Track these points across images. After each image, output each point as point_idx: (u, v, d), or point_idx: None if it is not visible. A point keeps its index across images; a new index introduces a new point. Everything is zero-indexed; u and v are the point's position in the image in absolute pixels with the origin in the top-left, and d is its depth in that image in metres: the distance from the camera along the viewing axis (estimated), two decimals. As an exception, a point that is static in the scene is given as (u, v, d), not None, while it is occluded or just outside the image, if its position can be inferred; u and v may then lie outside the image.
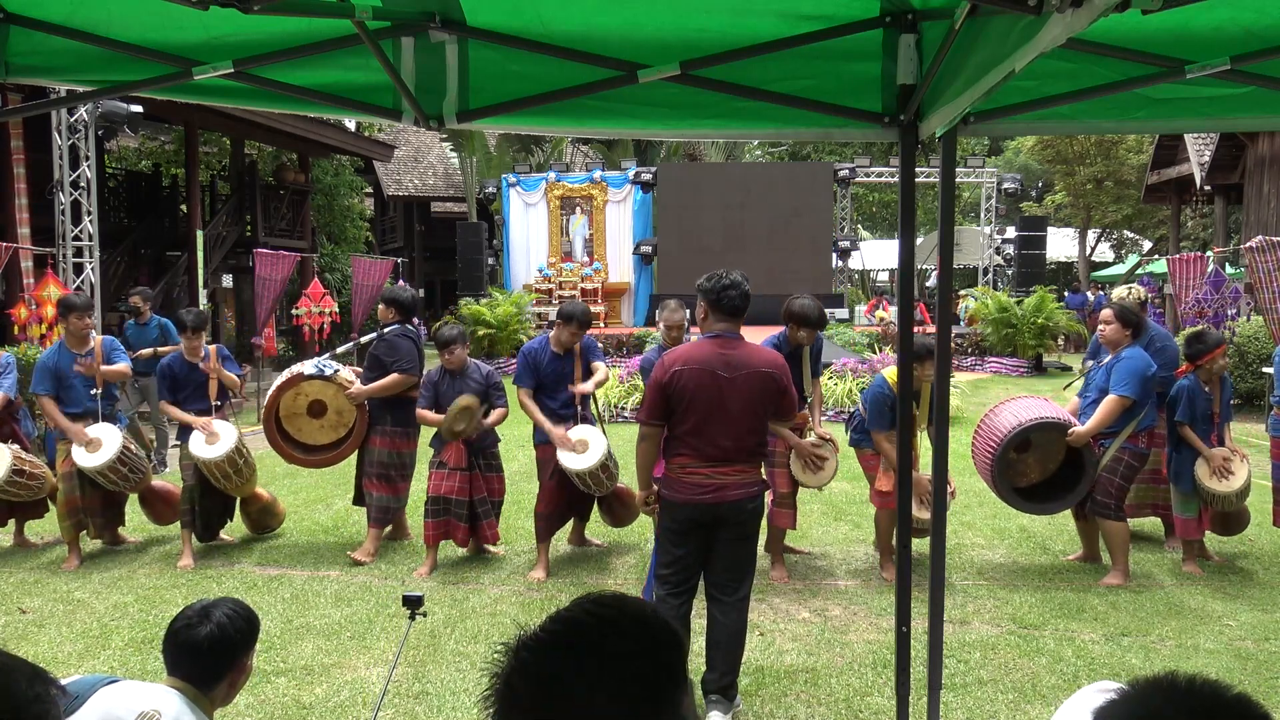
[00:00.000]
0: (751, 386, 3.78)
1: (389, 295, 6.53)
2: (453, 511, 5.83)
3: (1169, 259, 13.99)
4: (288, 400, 6.31)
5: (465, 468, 5.84)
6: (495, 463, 6.07)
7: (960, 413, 11.52)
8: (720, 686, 3.88)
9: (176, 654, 2.26)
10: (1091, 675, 4.29)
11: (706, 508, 3.80)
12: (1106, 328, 5.61)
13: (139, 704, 2.09)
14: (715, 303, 3.88)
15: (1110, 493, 5.54)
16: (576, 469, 5.66)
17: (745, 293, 3.89)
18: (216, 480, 6.11)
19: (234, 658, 2.30)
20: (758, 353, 3.90)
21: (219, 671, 2.27)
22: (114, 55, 2.86)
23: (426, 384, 5.95)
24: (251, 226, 18.12)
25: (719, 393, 3.75)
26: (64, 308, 6.36)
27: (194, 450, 6.04)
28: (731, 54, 2.79)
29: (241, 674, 2.34)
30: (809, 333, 5.50)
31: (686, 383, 3.77)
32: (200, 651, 2.24)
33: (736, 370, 3.77)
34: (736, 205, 20.50)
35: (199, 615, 2.29)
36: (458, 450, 5.82)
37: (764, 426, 3.91)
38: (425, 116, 3.04)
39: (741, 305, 3.89)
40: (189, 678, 2.24)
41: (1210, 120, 3.26)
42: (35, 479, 6.23)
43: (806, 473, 5.63)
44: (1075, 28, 1.77)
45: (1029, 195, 27.45)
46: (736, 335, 3.89)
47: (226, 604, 2.34)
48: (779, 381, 3.86)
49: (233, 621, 2.30)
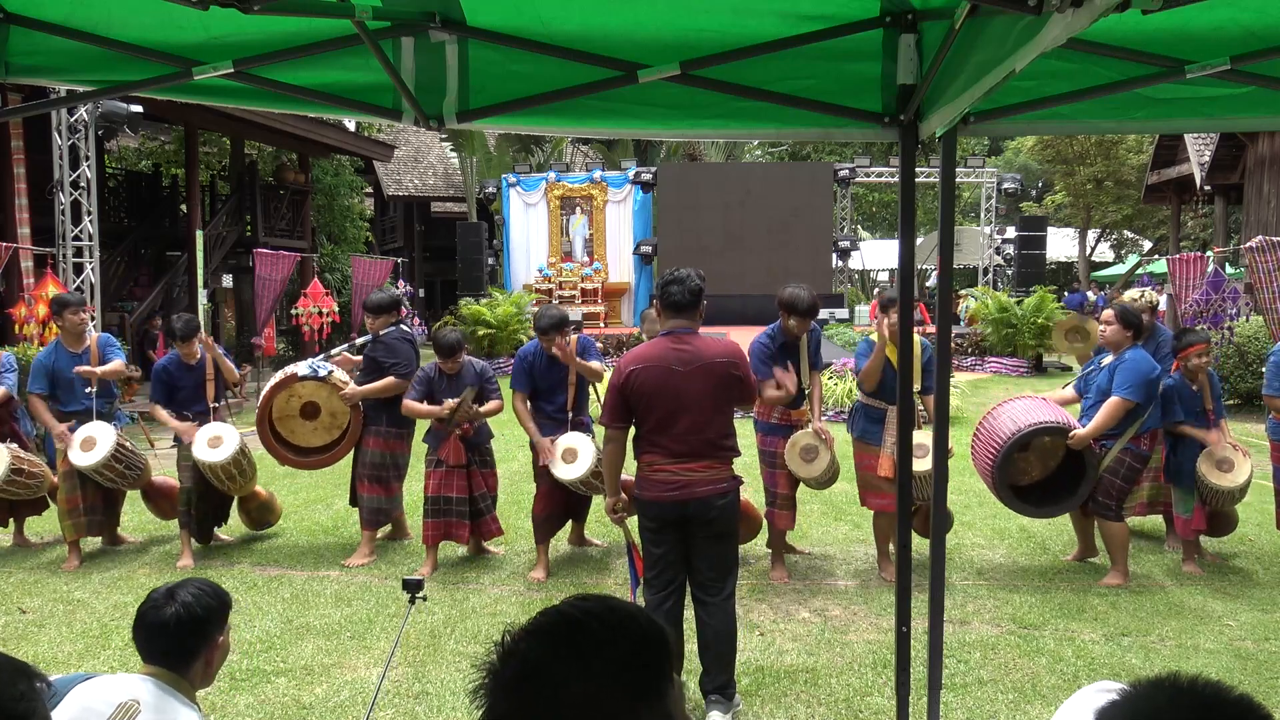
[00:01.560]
0: (706, 379, 3.81)
1: (370, 305, 6.33)
2: (454, 510, 5.82)
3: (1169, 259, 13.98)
4: (280, 402, 6.27)
5: (464, 465, 5.84)
6: (490, 459, 6.07)
7: (960, 413, 11.52)
8: (717, 686, 3.88)
9: (147, 637, 2.24)
10: (1091, 675, 4.29)
11: (674, 505, 3.82)
12: (1108, 329, 5.61)
13: (115, 696, 2.08)
14: (662, 300, 3.94)
15: (1111, 494, 5.53)
16: (567, 479, 5.65)
17: (691, 288, 3.89)
18: (220, 482, 6.10)
19: (205, 636, 2.27)
20: (711, 345, 3.92)
21: (193, 650, 2.25)
22: (114, 55, 2.86)
23: (421, 380, 5.92)
24: (251, 226, 18.12)
25: (675, 389, 3.78)
26: (58, 305, 6.35)
27: (197, 454, 6.01)
28: (731, 54, 2.79)
29: (216, 651, 2.31)
30: (800, 321, 5.47)
31: (642, 382, 3.81)
32: (169, 632, 2.21)
33: (690, 364, 3.80)
34: (736, 205, 20.50)
35: (165, 596, 2.27)
36: (455, 448, 5.81)
37: (727, 419, 3.92)
38: (425, 116, 3.04)
39: (685, 300, 3.89)
40: (163, 661, 2.21)
41: (1210, 120, 3.26)
42: (34, 478, 6.23)
43: (801, 464, 5.61)
44: (1075, 28, 1.76)
45: (1029, 195, 27.51)
46: (690, 330, 3.91)
47: (193, 583, 2.32)
48: (734, 369, 3.88)
49: (198, 599, 2.27)
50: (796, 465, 5.60)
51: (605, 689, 1.07)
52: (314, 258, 18.49)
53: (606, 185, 22.01)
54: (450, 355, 5.81)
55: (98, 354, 6.24)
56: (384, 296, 6.44)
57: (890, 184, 25.81)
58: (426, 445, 6.01)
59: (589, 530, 6.45)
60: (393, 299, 6.48)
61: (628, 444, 4.03)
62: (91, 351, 6.22)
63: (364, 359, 6.37)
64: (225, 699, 4.12)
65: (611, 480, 4.07)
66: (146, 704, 2.08)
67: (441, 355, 5.84)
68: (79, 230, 11.85)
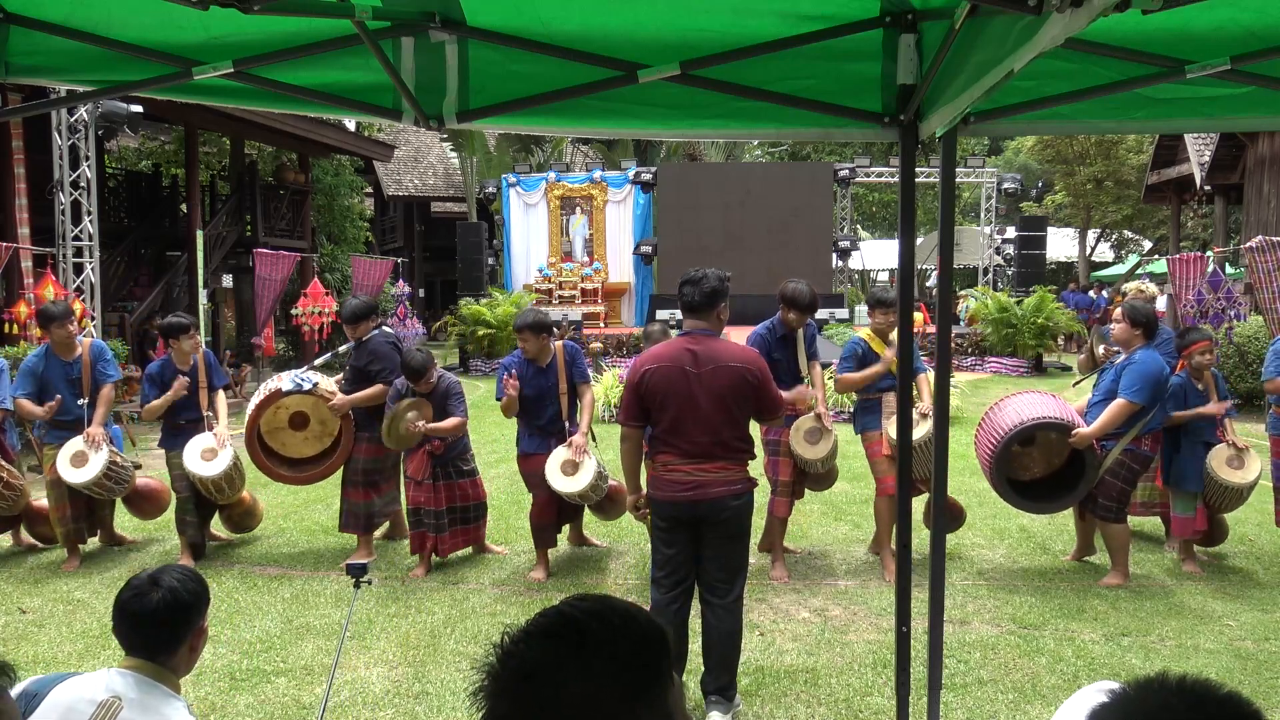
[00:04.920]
0: (721, 380, 3.79)
1: (347, 314, 6.19)
2: (428, 523, 5.81)
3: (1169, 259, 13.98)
4: (268, 417, 6.13)
5: (430, 479, 5.79)
6: (468, 468, 5.99)
7: (960, 413, 11.52)
8: (718, 687, 3.89)
9: (131, 626, 2.18)
10: (1091, 675, 4.29)
11: (687, 505, 3.81)
12: (1116, 326, 5.61)
13: (96, 694, 2.04)
14: (680, 301, 3.95)
15: (1112, 495, 5.52)
16: (566, 491, 5.61)
17: (705, 290, 3.88)
18: (209, 493, 6.05)
19: (190, 622, 2.23)
20: (729, 348, 3.91)
21: (179, 637, 2.20)
22: (114, 55, 2.86)
23: (394, 397, 5.83)
24: (251, 226, 18.11)
25: (689, 389, 3.78)
26: (43, 319, 6.21)
27: (190, 467, 5.92)
28: (731, 54, 2.79)
29: (201, 637, 2.27)
30: (799, 315, 5.52)
31: (657, 381, 3.81)
32: (156, 620, 2.16)
33: (705, 365, 3.80)
34: (736, 205, 20.48)
35: (148, 583, 2.21)
36: (418, 461, 5.79)
37: (741, 421, 3.90)
38: (425, 116, 3.04)
39: (698, 301, 3.89)
40: (147, 651, 2.16)
41: (1210, 120, 3.26)
42: (13, 490, 6.09)
43: (805, 446, 5.63)
44: (1075, 27, 1.77)
45: (1029, 195, 27.45)
46: (708, 332, 3.90)
47: (174, 569, 2.28)
48: (752, 376, 3.85)
49: (183, 584, 2.23)
50: (801, 448, 5.63)
51: (605, 689, 1.07)
52: (314, 258, 18.48)
53: (606, 185, 22.00)
54: (419, 379, 5.70)
55: (89, 364, 6.11)
56: (359, 304, 6.27)
57: (890, 184, 25.81)
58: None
59: (588, 530, 6.45)
60: (369, 304, 6.32)
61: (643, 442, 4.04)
62: (83, 361, 6.10)
63: (349, 369, 6.24)
64: (225, 699, 4.12)
65: (630, 478, 4.09)
66: (129, 700, 2.04)
67: (411, 379, 5.72)
68: (79, 230, 11.84)
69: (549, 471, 5.58)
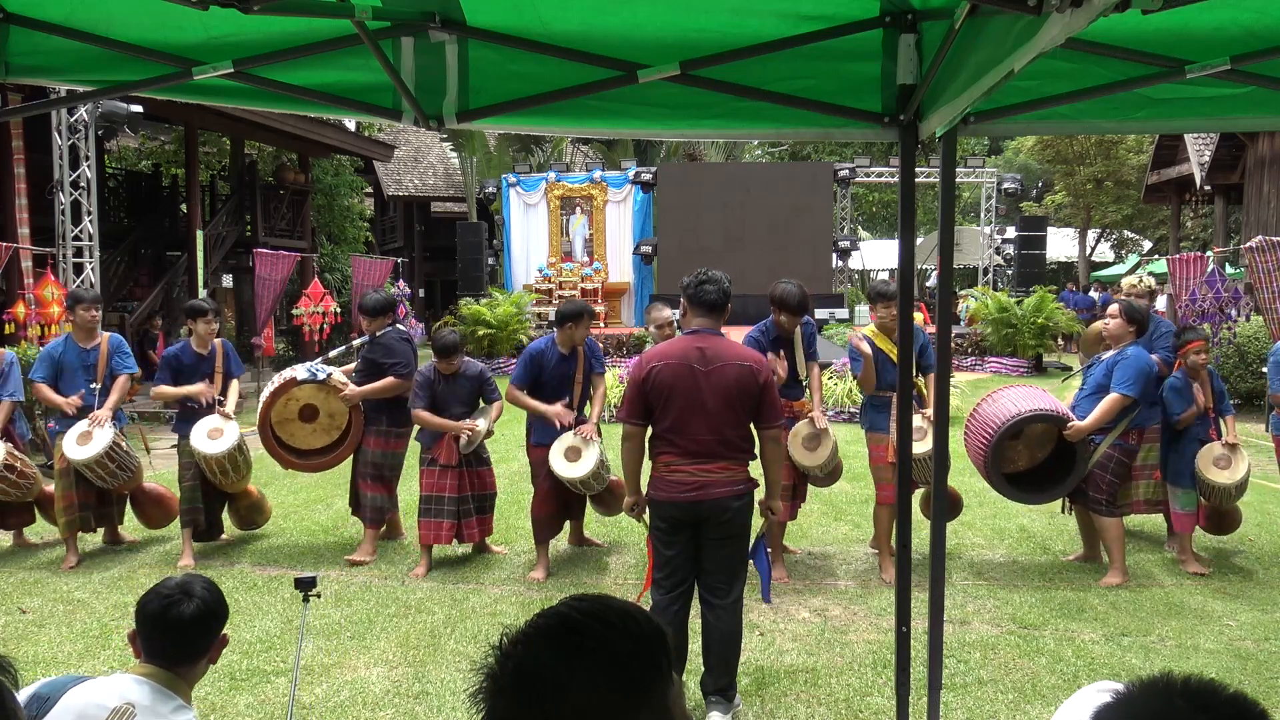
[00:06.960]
0: (727, 379, 3.80)
1: (365, 307, 6.33)
2: (445, 510, 5.82)
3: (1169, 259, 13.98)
4: (279, 407, 6.27)
5: (456, 464, 5.84)
6: (484, 456, 6.08)
7: (960, 413, 11.50)
8: (718, 687, 3.89)
9: (162, 633, 2.15)
10: (1091, 675, 4.29)
11: (689, 506, 3.81)
12: (1111, 322, 5.63)
13: (109, 700, 2.03)
14: (692, 298, 3.94)
15: (1102, 489, 5.57)
16: (568, 477, 5.65)
17: (724, 290, 3.92)
18: (213, 474, 6.09)
19: (215, 632, 2.23)
20: (735, 348, 3.92)
21: (204, 647, 2.20)
22: (114, 55, 2.86)
23: (423, 384, 5.91)
24: (251, 226, 18.11)
25: (695, 387, 3.78)
26: (72, 299, 6.39)
27: (195, 444, 6.00)
28: (731, 54, 2.79)
29: (219, 648, 2.28)
30: (790, 317, 5.50)
31: (663, 378, 3.81)
32: (188, 629, 2.15)
33: (712, 363, 3.80)
34: (736, 205, 20.47)
35: (179, 592, 2.19)
36: (449, 447, 5.83)
37: (744, 420, 3.90)
38: (425, 116, 3.04)
39: (718, 301, 3.91)
40: (168, 659, 2.15)
41: (1210, 120, 3.26)
42: (25, 477, 6.19)
43: (804, 453, 5.62)
44: (1074, 28, 1.77)
45: (1029, 195, 27.44)
46: (715, 331, 3.91)
47: (199, 579, 2.27)
48: (757, 376, 3.85)
49: (212, 593, 2.24)
50: (800, 455, 5.62)
51: (604, 689, 1.07)
52: (314, 258, 18.48)
53: (606, 185, 21.99)
54: (448, 356, 5.81)
55: (106, 354, 6.22)
56: (378, 298, 6.43)
57: (890, 184, 25.79)
58: (420, 444, 6.01)
59: (589, 530, 6.45)
60: (387, 300, 6.47)
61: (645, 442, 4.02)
62: (101, 350, 6.22)
63: (362, 360, 6.35)
64: (225, 699, 4.12)
65: (631, 478, 4.06)
66: (142, 707, 2.03)
67: (440, 356, 5.84)
68: (79, 230, 11.84)
69: (552, 455, 5.65)
